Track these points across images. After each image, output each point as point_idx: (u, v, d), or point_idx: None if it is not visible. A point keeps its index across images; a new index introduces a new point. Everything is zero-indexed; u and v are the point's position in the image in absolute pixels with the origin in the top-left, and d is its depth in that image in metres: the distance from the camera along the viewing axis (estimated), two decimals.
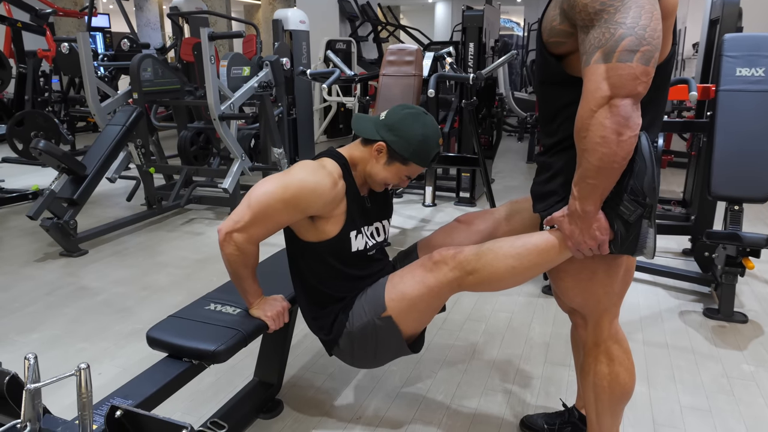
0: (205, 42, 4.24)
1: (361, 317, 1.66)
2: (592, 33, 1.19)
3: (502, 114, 6.92)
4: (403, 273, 1.64)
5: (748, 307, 2.96)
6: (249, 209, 1.55)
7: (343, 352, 1.74)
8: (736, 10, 3.18)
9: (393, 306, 1.60)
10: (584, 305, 1.54)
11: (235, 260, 1.59)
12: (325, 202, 1.58)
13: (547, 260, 1.45)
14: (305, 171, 1.58)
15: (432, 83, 3.83)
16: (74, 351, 2.57)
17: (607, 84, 1.16)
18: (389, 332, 1.63)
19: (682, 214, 4.29)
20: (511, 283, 1.52)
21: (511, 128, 9.46)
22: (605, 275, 1.46)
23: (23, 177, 6.16)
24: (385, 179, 1.69)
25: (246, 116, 4.83)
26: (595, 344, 1.56)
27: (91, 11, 6.34)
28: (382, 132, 1.66)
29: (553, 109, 1.41)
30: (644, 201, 1.27)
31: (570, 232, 1.35)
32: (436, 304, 1.62)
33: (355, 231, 1.69)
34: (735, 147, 2.74)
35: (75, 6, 12.40)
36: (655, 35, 1.15)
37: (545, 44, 1.35)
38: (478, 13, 5.02)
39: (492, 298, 3.10)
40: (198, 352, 1.56)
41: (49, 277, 3.44)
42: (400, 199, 5.29)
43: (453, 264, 1.51)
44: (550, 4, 1.35)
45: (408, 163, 1.67)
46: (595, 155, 1.20)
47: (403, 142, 1.65)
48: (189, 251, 3.91)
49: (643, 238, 1.31)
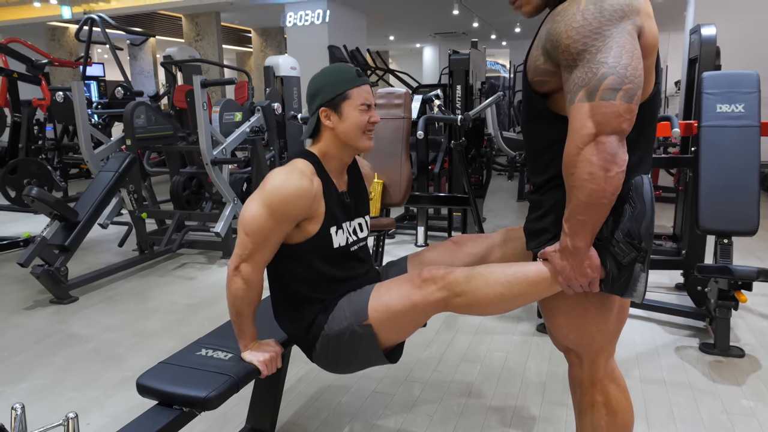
0: (197, 89, 4.30)
1: (341, 321, 1.64)
2: (575, 72, 1.22)
3: (492, 153, 7.01)
4: (390, 284, 1.63)
5: (744, 341, 2.95)
6: (248, 237, 1.55)
7: (319, 355, 1.71)
8: (713, 49, 3.28)
9: (375, 316, 1.59)
10: (578, 343, 1.53)
11: (242, 295, 1.58)
12: (309, 202, 1.59)
13: (537, 291, 1.45)
14: (280, 178, 1.57)
15: (421, 125, 3.89)
16: (63, 401, 2.52)
17: (592, 122, 1.19)
18: (367, 340, 1.62)
19: (673, 248, 4.31)
20: (498, 309, 1.52)
21: (501, 167, 9.56)
22: (598, 313, 1.45)
23: (15, 224, 6.14)
24: (355, 124, 1.65)
25: (238, 160, 4.87)
26: (591, 383, 1.55)
27: (86, 61, 6.46)
28: (312, 107, 1.69)
29: (540, 147, 1.43)
30: (639, 245, 1.27)
31: (561, 267, 1.36)
32: (419, 320, 1.61)
33: (335, 227, 1.68)
34: (720, 181, 2.78)
35: (70, 56, 12.63)
36: (637, 73, 1.19)
37: (530, 83, 1.39)
38: (464, 56, 5.14)
39: (487, 338, 3.08)
40: (188, 399, 1.53)
41: (39, 324, 3.40)
42: (392, 240, 5.30)
43: (442, 284, 1.51)
44: (533, 45, 1.39)
45: (347, 95, 1.65)
46: (584, 191, 1.22)
47: (326, 89, 1.65)
48: (180, 296, 3.88)
49: (635, 282, 1.31)
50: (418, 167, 4.87)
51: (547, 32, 1.29)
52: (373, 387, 2.58)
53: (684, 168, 3.87)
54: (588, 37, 1.20)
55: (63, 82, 12.29)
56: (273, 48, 13.76)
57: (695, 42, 3.42)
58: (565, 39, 1.23)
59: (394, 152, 3.65)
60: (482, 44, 11.84)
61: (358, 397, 2.50)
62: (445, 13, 10.71)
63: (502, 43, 17.25)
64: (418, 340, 3.06)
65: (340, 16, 10.01)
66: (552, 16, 1.30)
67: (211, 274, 4.40)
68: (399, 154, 3.70)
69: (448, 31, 15.17)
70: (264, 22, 13.08)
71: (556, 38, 1.25)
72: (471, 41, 5.97)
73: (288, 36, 10.17)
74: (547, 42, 1.29)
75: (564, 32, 1.23)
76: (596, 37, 1.20)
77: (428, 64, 19.19)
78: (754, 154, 2.79)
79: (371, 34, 12.98)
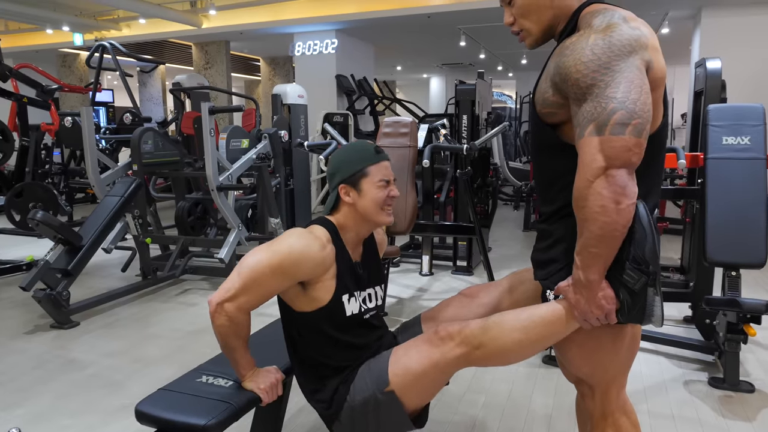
0: (205, 116, 4.34)
1: (363, 391, 1.61)
2: (584, 106, 1.24)
3: (498, 183, 7.02)
4: (407, 347, 1.61)
5: (755, 376, 2.89)
6: (239, 277, 1.55)
7: (344, 426, 1.68)
8: (718, 82, 3.30)
9: (396, 381, 1.56)
10: (591, 375, 1.50)
11: (225, 331, 1.57)
12: (314, 265, 1.58)
13: (554, 332, 1.43)
14: (293, 237, 1.59)
15: (427, 154, 3.90)
16: (60, 427, 2.48)
17: (602, 155, 1.20)
18: (392, 407, 1.59)
19: (681, 281, 4.27)
20: (520, 356, 1.50)
21: (507, 197, 9.57)
22: (611, 344, 1.44)
23: (19, 248, 6.14)
24: (374, 200, 1.68)
25: (244, 187, 4.89)
26: (603, 416, 1.52)
27: (95, 87, 6.55)
28: (332, 184, 1.72)
29: (550, 177, 1.43)
30: (647, 269, 1.27)
31: (576, 301, 1.34)
32: (442, 379, 1.59)
33: (348, 294, 1.67)
34: (727, 213, 2.76)
35: (81, 82, 12.82)
36: (646, 108, 1.20)
37: (539, 114, 1.39)
38: (471, 86, 5.18)
39: (492, 369, 3.02)
40: (187, 427, 1.50)
41: (38, 350, 3.36)
42: (397, 269, 5.27)
43: (459, 339, 1.49)
44: (541, 77, 1.40)
45: (365, 171, 1.68)
46: (596, 224, 1.23)
47: (345, 166, 1.69)
48: (182, 323, 3.85)
49: (650, 307, 1.31)
50: (424, 196, 4.87)
51: (556, 65, 1.30)
52: None
53: (691, 200, 3.86)
54: (597, 71, 1.22)
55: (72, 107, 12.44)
56: (281, 76, 13.93)
57: (701, 75, 3.44)
58: (574, 73, 1.24)
59: (400, 180, 3.66)
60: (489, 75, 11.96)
61: None
62: (452, 45, 10.84)
63: (508, 74, 17.42)
64: None
65: (348, 46, 10.15)
66: (561, 50, 1.32)
67: None
68: (404, 183, 3.71)
69: (455, 62, 15.34)
70: (273, 51, 13.28)
71: (566, 72, 1.26)
72: (477, 72, 6.01)
73: (296, 65, 10.30)
74: (556, 75, 1.30)
75: (573, 66, 1.25)
76: (605, 72, 1.21)
77: (435, 94, 19.38)
78: (761, 186, 2.78)
79: (379, 64, 13.15)
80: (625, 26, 1.23)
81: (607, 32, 1.23)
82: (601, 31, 1.24)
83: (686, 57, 9.99)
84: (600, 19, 1.27)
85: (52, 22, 10.16)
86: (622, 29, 1.23)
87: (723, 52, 4.42)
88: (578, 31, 1.30)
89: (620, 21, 1.24)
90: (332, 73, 9.74)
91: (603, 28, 1.24)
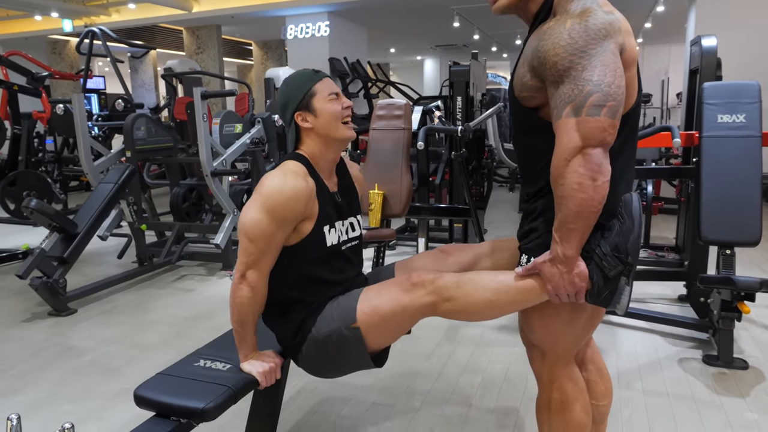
0: (197, 101, 4.31)
1: (328, 324, 1.63)
2: (561, 89, 1.29)
3: (493, 165, 7.01)
4: (379, 288, 1.63)
5: (748, 353, 2.92)
6: (252, 244, 1.55)
7: (306, 359, 1.71)
8: (713, 59, 3.28)
9: (363, 319, 1.59)
10: (543, 340, 1.58)
11: (247, 302, 1.58)
12: (306, 199, 1.60)
13: (525, 300, 1.48)
14: (277, 181, 1.58)
15: (421, 136, 3.89)
16: (59, 413, 2.49)
17: (579, 135, 1.26)
18: (355, 344, 1.61)
19: (675, 260, 4.30)
20: (485, 316, 1.56)
21: (502, 179, 9.57)
22: (568, 316, 1.50)
23: (14, 236, 6.12)
24: (331, 114, 1.68)
25: (238, 172, 4.86)
26: (550, 381, 1.60)
27: (86, 74, 6.48)
28: (287, 118, 1.72)
29: (533, 158, 1.48)
30: (626, 259, 1.34)
31: (551, 275, 1.39)
32: (407, 324, 1.62)
33: (329, 225, 1.69)
34: (722, 191, 2.77)
35: (71, 69, 12.69)
36: (620, 91, 1.27)
37: (518, 99, 1.45)
38: (465, 68, 5.15)
39: (488, 349, 3.05)
40: (186, 410, 1.51)
41: (36, 337, 3.37)
42: (393, 251, 5.28)
43: (431, 288, 1.52)
44: (519, 62, 1.46)
45: (312, 91, 1.68)
46: (574, 201, 1.28)
47: (293, 95, 1.69)
48: (179, 308, 3.86)
49: (619, 294, 1.37)
50: (419, 178, 4.86)
51: (534, 50, 1.36)
52: (373, 399, 2.55)
53: (686, 179, 3.86)
54: (574, 54, 1.27)
55: (64, 94, 12.35)
56: (274, 60, 13.83)
57: (696, 53, 3.43)
58: (552, 56, 1.30)
59: (395, 163, 3.65)
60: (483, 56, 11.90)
61: (358, 409, 2.47)
62: (445, 26, 10.78)
63: (503, 55, 17.34)
64: (418, 352, 3.03)
65: (340, 29, 10.07)
66: (538, 35, 1.37)
67: (211, 286, 4.37)
68: (399, 165, 3.70)
69: (449, 43, 15.26)
70: (265, 35, 13.17)
71: (544, 55, 1.32)
72: (471, 53, 5.98)
73: (289, 48, 10.22)
74: (534, 59, 1.36)
75: (551, 50, 1.30)
76: (582, 55, 1.27)
77: (429, 76, 19.29)
78: (755, 164, 2.79)
79: (372, 46, 13.06)
80: (599, 11, 1.29)
81: (583, 17, 1.28)
82: (578, 16, 1.29)
83: (682, 35, 9.95)
84: (576, 4, 1.32)
85: (40, 9, 10.04)
86: (597, 14, 1.28)
87: (719, 29, 4.40)
88: (554, 16, 1.36)
89: (595, 6, 1.30)
90: (325, 56, 9.68)
91: (579, 13, 1.30)
